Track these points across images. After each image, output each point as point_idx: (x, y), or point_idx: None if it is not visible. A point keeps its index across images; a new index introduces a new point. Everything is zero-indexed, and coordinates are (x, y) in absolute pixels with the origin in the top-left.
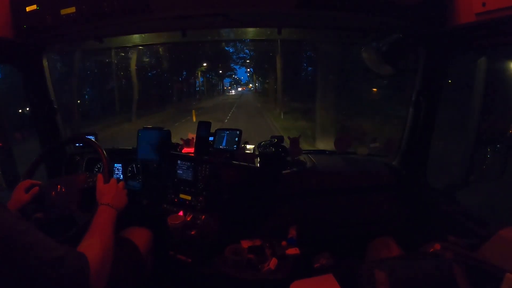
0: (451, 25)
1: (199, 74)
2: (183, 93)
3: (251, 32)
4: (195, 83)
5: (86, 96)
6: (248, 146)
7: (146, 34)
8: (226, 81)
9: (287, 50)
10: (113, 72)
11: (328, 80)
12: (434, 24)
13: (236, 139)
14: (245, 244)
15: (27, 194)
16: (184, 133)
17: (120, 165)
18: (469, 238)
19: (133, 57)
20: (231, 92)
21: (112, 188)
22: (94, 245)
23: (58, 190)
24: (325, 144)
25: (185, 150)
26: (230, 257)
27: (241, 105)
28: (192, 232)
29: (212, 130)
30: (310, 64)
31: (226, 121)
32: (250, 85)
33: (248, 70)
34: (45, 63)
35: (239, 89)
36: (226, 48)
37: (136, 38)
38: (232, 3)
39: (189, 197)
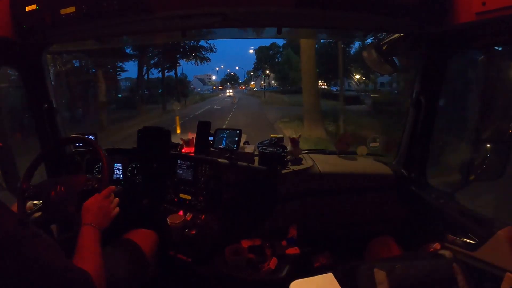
0: (451, 25)
1: None
2: None
3: (251, 31)
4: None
5: None
6: (248, 146)
7: (146, 34)
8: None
9: None
10: None
11: None
12: (434, 23)
13: (236, 138)
14: (245, 244)
15: None
16: None
17: (120, 165)
18: (469, 238)
19: None
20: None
21: (95, 206)
22: (86, 265)
23: (58, 190)
24: None
25: (185, 149)
26: (230, 257)
27: None
28: (192, 232)
29: (212, 129)
30: None
31: None
32: (252, 83)
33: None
34: (45, 63)
35: (227, 93)
36: None
37: (136, 38)
38: (231, 3)
39: (189, 197)
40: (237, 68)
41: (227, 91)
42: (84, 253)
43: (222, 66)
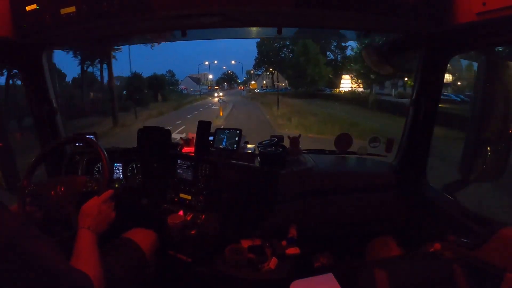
0: (451, 25)
1: None
2: None
3: (251, 31)
4: None
5: None
6: (248, 146)
7: (146, 33)
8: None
9: None
10: None
11: None
12: (434, 23)
13: (236, 138)
14: (245, 243)
15: None
16: None
17: (120, 164)
18: (469, 238)
19: None
20: None
21: (94, 210)
22: (85, 267)
23: (57, 190)
24: None
25: (185, 149)
26: (230, 257)
27: None
28: (192, 232)
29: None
30: None
31: None
32: (253, 82)
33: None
34: (45, 63)
35: (216, 97)
36: None
37: (136, 37)
38: (231, 2)
39: (189, 197)
40: (233, 62)
41: (216, 94)
42: (83, 256)
43: (216, 62)
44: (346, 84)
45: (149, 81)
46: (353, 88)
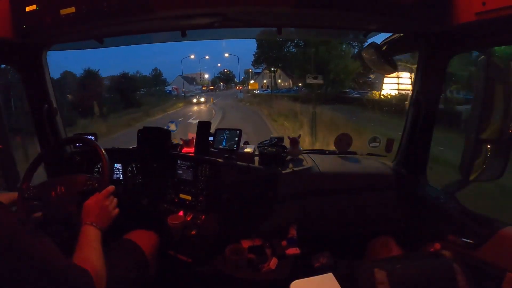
0: (451, 25)
1: None
2: None
3: (251, 31)
4: None
5: None
6: (248, 146)
7: (146, 34)
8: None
9: None
10: None
11: None
12: (434, 23)
13: (236, 139)
14: (245, 244)
15: None
16: None
17: (120, 165)
18: (469, 238)
19: None
20: None
21: (96, 206)
22: (86, 263)
23: (58, 190)
24: None
25: (185, 150)
26: (230, 257)
27: None
28: (192, 232)
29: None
30: None
31: None
32: (252, 81)
33: None
34: (45, 63)
35: (195, 103)
36: None
37: (136, 38)
38: (231, 3)
39: (189, 197)
40: (226, 55)
41: (194, 99)
42: (85, 251)
43: (207, 57)
44: (391, 85)
45: (116, 82)
46: (404, 92)
